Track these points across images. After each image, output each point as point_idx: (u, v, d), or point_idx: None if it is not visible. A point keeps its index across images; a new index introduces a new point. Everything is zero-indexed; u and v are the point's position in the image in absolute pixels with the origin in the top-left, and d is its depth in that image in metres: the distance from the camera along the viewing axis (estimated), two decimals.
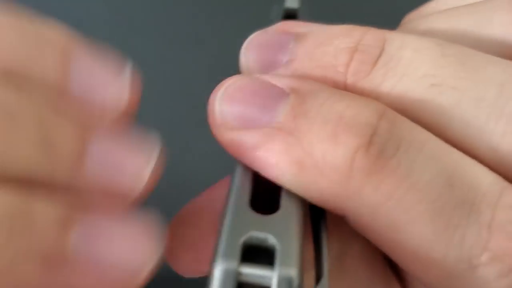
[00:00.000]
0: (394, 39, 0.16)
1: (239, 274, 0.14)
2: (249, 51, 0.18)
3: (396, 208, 0.14)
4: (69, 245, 0.13)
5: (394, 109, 0.16)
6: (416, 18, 0.20)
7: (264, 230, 0.15)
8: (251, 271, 0.14)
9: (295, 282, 0.14)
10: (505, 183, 0.15)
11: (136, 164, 0.15)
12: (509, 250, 0.14)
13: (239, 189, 0.16)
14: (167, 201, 0.23)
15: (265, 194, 0.16)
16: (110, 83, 0.16)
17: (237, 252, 0.14)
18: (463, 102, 0.15)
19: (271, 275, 0.14)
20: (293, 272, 0.14)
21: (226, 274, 0.14)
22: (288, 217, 0.15)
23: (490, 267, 0.14)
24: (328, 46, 0.17)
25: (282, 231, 0.15)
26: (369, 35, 0.17)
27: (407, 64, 0.16)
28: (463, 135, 0.16)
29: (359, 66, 0.16)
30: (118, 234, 0.14)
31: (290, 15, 0.22)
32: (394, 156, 0.15)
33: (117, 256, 0.14)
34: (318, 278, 0.16)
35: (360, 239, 0.19)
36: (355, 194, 0.15)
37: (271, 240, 0.15)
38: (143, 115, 0.18)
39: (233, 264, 0.14)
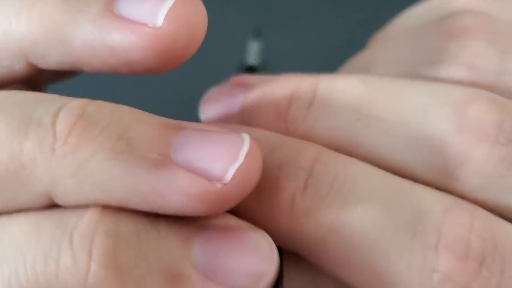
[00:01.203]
0: (324, 83, 0.17)
1: None
2: (206, 106, 0.19)
3: (339, 240, 0.15)
4: (192, 260, 0.14)
5: (330, 147, 0.17)
6: (380, 40, 0.21)
7: None
8: None
9: None
10: (451, 201, 0.15)
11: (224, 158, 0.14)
12: (459, 269, 0.14)
13: None
14: None
15: None
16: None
17: None
18: (389, 130, 0.16)
19: None
20: None
21: None
22: None
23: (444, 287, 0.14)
24: (270, 96, 0.18)
25: None
26: (303, 83, 0.18)
27: (336, 104, 0.17)
28: (397, 161, 0.16)
29: (296, 112, 0.17)
30: (235, 245, 0.14)
31: (250, 69, 0.24)
32: (329, 193, 0.15)
33: (239, 266, 0.14)
34: None
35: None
36: (299, 233, 0.15)
37: None
38: None
39: None
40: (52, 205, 0.14)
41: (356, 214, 0.15)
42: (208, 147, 0.14)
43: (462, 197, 0.16)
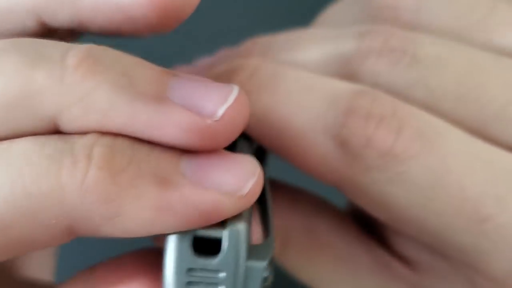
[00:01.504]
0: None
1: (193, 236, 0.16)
2: None
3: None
4: (180, 170, 0.15)
5: None
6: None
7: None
8: (204, 232, 0.16)
9: (243, 234, 0.16)
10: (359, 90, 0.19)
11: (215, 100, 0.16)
12: (360, 124, 0.18)
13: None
14: None
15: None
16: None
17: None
18: None
19: (222, 232, 0.16)
20: (241, 226, 0.16)
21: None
22: None
23: (350, 140, 0.18)
24: None
25: None
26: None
27: None
28: None
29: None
30: (221, 159, 0.16)
31: None
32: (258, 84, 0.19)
33: (223, 177, 0.16)
34: (267, 234, 0.18)
35: (325, 213, 0.22)
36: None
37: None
38: None
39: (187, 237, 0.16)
40: (56, 132, 0.16)
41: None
42: (201, 90, 0.16)
43: None
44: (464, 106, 0.19)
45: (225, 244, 0.16)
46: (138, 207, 0.15)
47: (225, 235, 0.16)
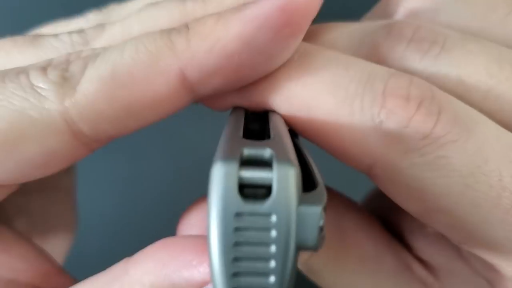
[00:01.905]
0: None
1: (239, 176, 0.14)
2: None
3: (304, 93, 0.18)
4: None
5: None
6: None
7: (260, 146, 0.15)
8: (252, 174, 0.15)
9: (294, 178, 0.14)
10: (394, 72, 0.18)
11: None
12: (402, 106, 0.17)
13: (233, 127, 0.17)
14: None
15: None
16: None
17: (237, 157, 0.15)
18: None
19: (271, 175, 0.15)
20: (291, 170, 0.14)
21: (227, 175, 0.14)
22: (281, 139, 0.16)
23: (390, 120, 0.17)
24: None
25: (277, 145, 0.15)
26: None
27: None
28: None
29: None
30: None
31: None
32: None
33: None
34: (314, 184, 0.17)
35: (353, 212, 0.21)
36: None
37: (267, 152, 0.15)
38: None
39: (233, 166, 0.14)
40: None
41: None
42: None
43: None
44: (495, 98, 0.19)
45: (275, 185, 0.15)
46: None
47: (274, 175, 0.15)
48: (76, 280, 0.19)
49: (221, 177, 0.15)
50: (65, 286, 0.20)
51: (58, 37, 0.20)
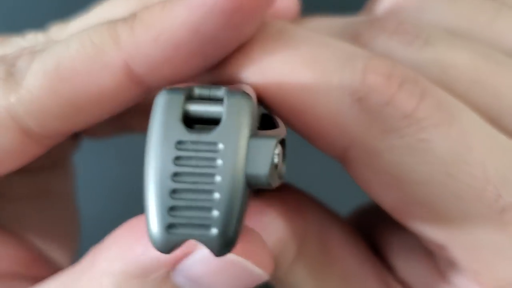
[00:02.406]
0: None
1: (185, 108, 0.13)
2: None
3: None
4: None
5: None
6: None
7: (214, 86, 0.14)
8: (199, 107, 0.13)
9: (247, 107, 0.13)
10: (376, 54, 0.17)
11: None
12: (383, 83, 0.16)
13: None
14: None
15: None
16: None
17: (185, 90, 0.14)
18: None
19: (221, 109, 0.13)
20: (244, 99, 0.13)
21: (169, 103, 0.13)
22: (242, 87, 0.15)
23: (369, 96, 0.16)
24: None
25: (235, 87, 0.14)
26: None
27: None
28: None
29: None
30: None
31: None
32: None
33: None
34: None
35: (337, 226, 0.20)
36: None
37: (221, 91, 0.14)
38: None
39: (178, 96, 0.13)
40: None
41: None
42: None
43: None
44: (479, 91, 0.18)
45: (225, 115, 0.13)
46: None
47: (225, 107, 0.13)
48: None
49: (163, 104, 0.13)
50: (46, 274, 0.19)
51: (25, 36, 0.20)
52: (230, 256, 0.15)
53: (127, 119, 0.21)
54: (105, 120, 0.18)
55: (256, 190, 0.15)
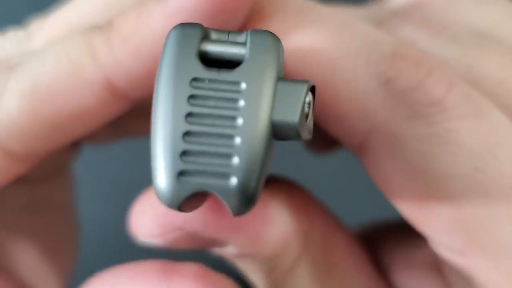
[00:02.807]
0: None
1: (200, 48, 0.12)
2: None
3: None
4: None
5: None
6: None
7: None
8: (218, 47, 0.12)
9: (275, 47, 0.12)
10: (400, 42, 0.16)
11: None
12: (412, 68, 0.15)
13: None
14: None
15: None
16: None
17: (202, 29, 0.12)
18: None
19: (244, 50, 0.12)
20: (271, 38, 0.12)
21: (184, 38, 0.12)
22: None
23: (398, 79, 0.15)
24: None
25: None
26: None
27: None
28: None
29: None
30: None
31: None
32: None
33: None
34: None
35: (342, 233, 0.19)
36: None
37: (243, 36, 0.12)
38: None
39: (195, 31, 0.12)
40: None
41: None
42: None
43: None
44: (506, 91, 0.17)
45: (248, 54, 0.11)
46: None
47: (248, 46, 0.11)
48: None
49: (177, 38, 0.11)
50: None
51: (6, 35, 0.19)
52: None
53: (127, 123, 0.20)
54: (103, 126, 0.17)
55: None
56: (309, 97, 0.12)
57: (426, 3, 0.19)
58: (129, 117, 0.18)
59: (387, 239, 0.19)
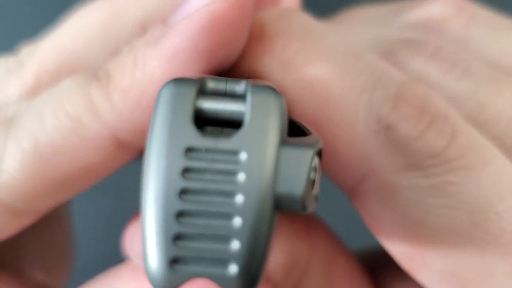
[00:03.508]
0: None
1: (196, 106, 0.10)
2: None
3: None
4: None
5: None
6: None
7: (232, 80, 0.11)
8: (214, 104, 0.11)
9: (277, 106, 0.10)
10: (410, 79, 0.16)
11: None
12: (414, 113, 0.14)
13: None
14: None
15: None
16: None
17: (196, 82, 0.11)
18: None
19: (244, 108, 0.10)
20: (273, 96, 0.11)
21: (178, 97, 0.10)
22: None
23: (399, 126, 0.14)
24: None
25: (256, 82, 0.11)
26: None
27: None
28: None
29: None
30: None
31: None
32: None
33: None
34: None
35: (344, 257, 0.18)
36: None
37: (242, 86, 0.11)
38: None
39: (189, 89, 0.10)
40: None
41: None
42: None
43: None
44: None
45: (248, 116, 0.10)
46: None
47: (248, 105, 0.10)
48: None
49: (170, 100, 0.10)
50: None
51: None
52: None
53: None
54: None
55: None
56: (315, 162, 0.11)
57: (443, 29, 0.18)
58: None
59: (389, 265, 0.18)
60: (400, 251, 0.16)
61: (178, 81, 0.10)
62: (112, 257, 0.17)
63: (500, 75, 0.17)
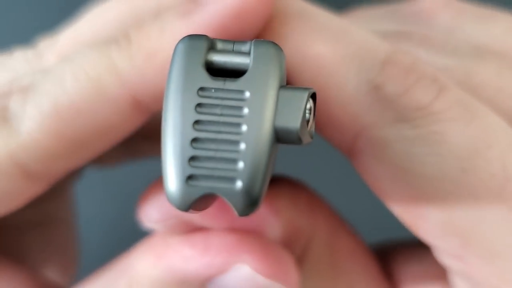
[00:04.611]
0: None
1: (207, 58, 0.12)
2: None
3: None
4: None
5: None
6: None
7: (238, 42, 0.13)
8: (223, 57, 0.12)
9: (277, 56, 0.12)
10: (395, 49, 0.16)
11: None
12: (400, 73, 0.15)
13: None
14: None
15: None
16: None
17: (207, 40, 0.13)
18: None
19: (248, 60, 0.12)
20: (273, 48, 0.12)
21: (191, 49, 0.12)
22: None
23: (385, 86, 0.15)
24: None
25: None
26: None
27: None
28: None
29: None
30: None
31: None
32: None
33: None
34: None
35: (349, 236, 0.19)
36: None
37: (247, 46, 0.13)
38: None
39: (201, 43, 0.12)
40: None
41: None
42: None
43: None
44: (505, 98, 0.17)
45: (252, 64, 0.12)
46: None
47: (252, 56, 0.12)
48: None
49: (185, 50, 0.12)
50: None
51: (13, 55, 0.19)
52: (265, 281, 0.16)
53: (132, 145, 0.20)
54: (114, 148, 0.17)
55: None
56: (310, 104, 0.12)
57: (432, 21, 0.20)
58: (133, 139, 0.18)
59: (399, 252, 0.19)
60: (399, 206, 0.16)
61: (192, 36, 0.12)
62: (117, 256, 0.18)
63: (486, 54, 0.18)
